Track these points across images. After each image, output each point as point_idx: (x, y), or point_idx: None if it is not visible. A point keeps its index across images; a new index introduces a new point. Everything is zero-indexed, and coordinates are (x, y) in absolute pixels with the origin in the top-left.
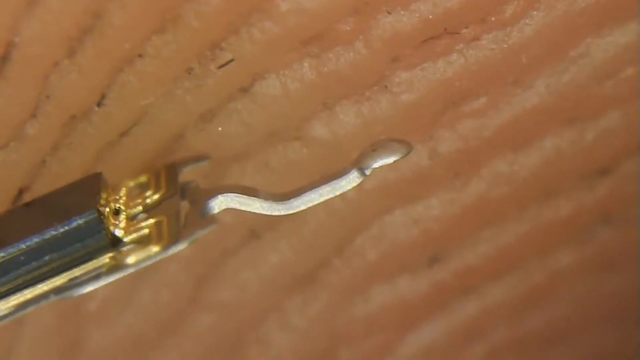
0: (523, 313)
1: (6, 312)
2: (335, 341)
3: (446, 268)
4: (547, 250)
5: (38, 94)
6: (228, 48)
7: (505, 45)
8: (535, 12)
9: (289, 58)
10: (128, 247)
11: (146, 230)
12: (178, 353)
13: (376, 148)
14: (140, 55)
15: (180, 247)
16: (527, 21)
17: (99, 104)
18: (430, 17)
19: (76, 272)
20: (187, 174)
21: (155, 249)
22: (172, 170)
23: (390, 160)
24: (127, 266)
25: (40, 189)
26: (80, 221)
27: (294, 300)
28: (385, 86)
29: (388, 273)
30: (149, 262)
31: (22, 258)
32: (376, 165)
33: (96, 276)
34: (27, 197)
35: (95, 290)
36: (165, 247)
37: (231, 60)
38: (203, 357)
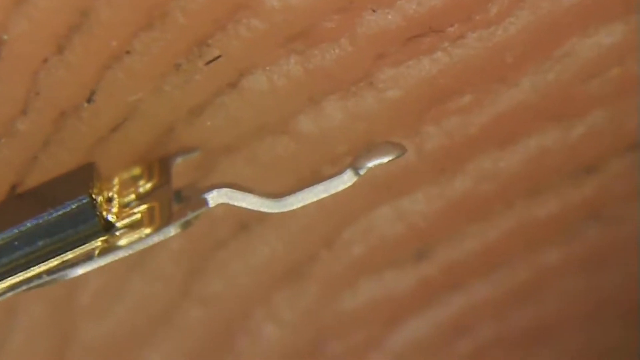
0: (510, 309)
1: None
2: (322, 334)
3: (433, 263)
4: (534, 247)
5: (27, 91)
6: (215, 44)
7: (490, 44)
8: (520, 11)
9: (275, 54)
10: (121, 231)
11: (138, 215)
12: (169, 345)
13: (371, 149)
14: (128, 52)
15: (172, 230)
16: (512, 20)
17: (88, 100)
18: (415, 15)
19: (69, 255)
20: (178, 167)
21: (147, 231)
22: (164, 162)
23: (384, 160)
24: (119, 248)
25: (32, 185)
26: (73, 206)
27: (283, 293)
28: (371, 83)
29: (375, 267)
30: (141, 246)
31: (15, 243)
32: (370, 164)
33: (88, 258)
34: None
35: (87, 282)
36: (157, 229)
37: (218, 57)
38: (193, 348)
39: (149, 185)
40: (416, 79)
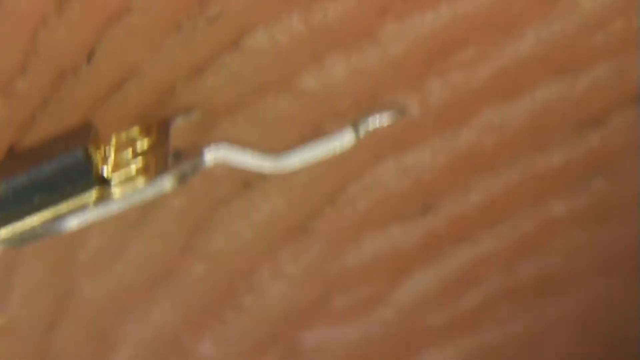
0: (517, 262)
1: None
2: (328, 289)
3: (438, 217)
4: (540, 200)
5: (26, 50)
6: (216, 1)
7: None
8: None
9: (277, 11)
10: (115, 184)
11: (134, 170)
12: (170, 302)
13: (372, 110)
14: (128, 9)
15: (167, 183)
16: None
17: (88, 60)
18: None
19: (63, 207)
20: (178, 127)
21: (141, 181)
22: (163, 122)
23: (385, 121)
24: (113, 199)
25: (30, 144)
26: (68, 159)
27: (287, 249)
28: (374, 38)
29: (380, 222)
30: (136, 198)
31: (10, 197)
32: (372, 126)
33: (82, 209)
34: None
35: (86, 242)
36: (152, 180)
37: (219, 14)
38: (195, 305)
39: (146, 144)
40: (420, 33)
